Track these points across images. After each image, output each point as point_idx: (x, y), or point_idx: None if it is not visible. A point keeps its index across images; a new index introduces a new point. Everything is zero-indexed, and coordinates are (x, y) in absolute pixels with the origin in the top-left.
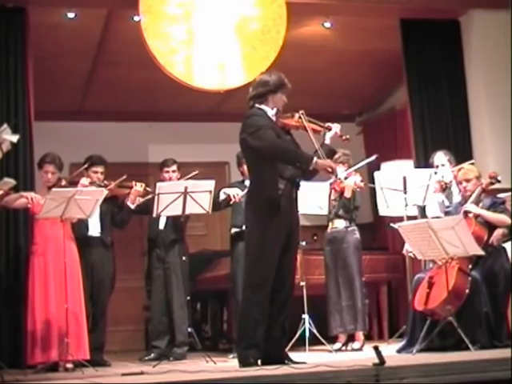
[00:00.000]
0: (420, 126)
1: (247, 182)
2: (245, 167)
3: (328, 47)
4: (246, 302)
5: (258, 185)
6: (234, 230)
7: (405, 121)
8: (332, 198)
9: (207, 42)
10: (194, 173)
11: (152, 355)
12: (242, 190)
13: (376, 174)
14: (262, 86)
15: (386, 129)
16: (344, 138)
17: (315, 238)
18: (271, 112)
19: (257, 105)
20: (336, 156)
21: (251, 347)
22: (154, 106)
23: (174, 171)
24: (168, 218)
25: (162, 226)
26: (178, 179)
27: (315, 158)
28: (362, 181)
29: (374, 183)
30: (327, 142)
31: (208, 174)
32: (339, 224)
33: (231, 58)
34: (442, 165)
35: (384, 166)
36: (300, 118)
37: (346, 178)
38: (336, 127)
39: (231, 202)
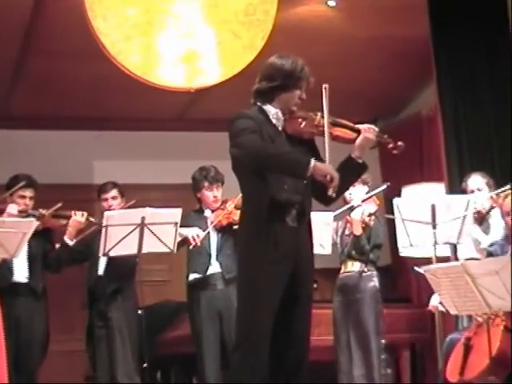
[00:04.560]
0: (454, 138)
1: (207, 212)
2: (204, 193)
3: (332, 33)
4: (235, 369)
5: (249, 212)
6: (192, 277)
7: (434, 131)
8: (346, 232)
9: (171, 26)
10: (132, 201)
11: None
12: (201, 223)
13: (396, 201)
14: (268, 79)
15: (408, 141)
16: (391, 145)
17: (315, 285)
18: (274, 112)
19: (259, 103)
20: None
21: None
22: (101, 109)
23: (114, 198)
24: (110, 259)
25: (101, 270)
26: (123, 208)
27: (312, 161)
28: (371, 214)
29: (392, 213)
30: (357, 153)
31: (173, 201)
32: (352, 267)
33: (203, 46)
34: (478, 189)
35: (406, 190)
36: (321, 118)
37: (356, 207)
38: (369, 131)
39: (191, 247)
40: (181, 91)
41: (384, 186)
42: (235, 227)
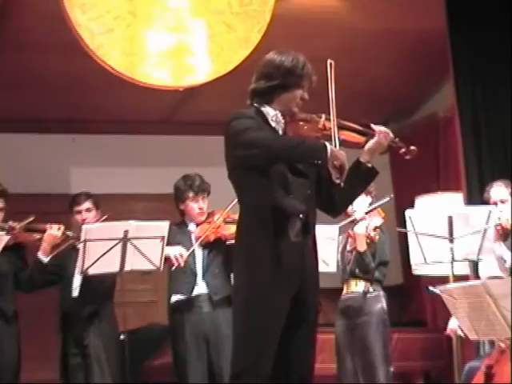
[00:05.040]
0: (473, 143)
1: (191, 226)
2: (188, 204)
3: (338, 25)
4: None
5: (248, 224)
6: (176, 298)
7: (451, 134)
8: (348, 248)
9: (157, 18)
10: (104, 216)
11: None
12: (184, 238)
13: (408, 213)
14: (266, 77)
15: (422, 146)
16: (403, 150)
17: (319, 307)
18: (273, 114)
19: (256, 104)
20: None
21: None
22: (79, 110)
23: (88, 210)
24: (85, 278)
25: (75, 291)
26: (99, 221)
27: (328, 145)
28: (377, 227)
29: (404, 226)
30: (366, 157)
31: (159, 213)
32: (356, 287)
33: (193, 40)
34: (502, 201)
35: (420, 200)
36: (326, 120)
37: (360, 221)
38: (382, 134)
39: (173, 268)
40: (168, 90)
41: (387, 199)
42: (229, 242)
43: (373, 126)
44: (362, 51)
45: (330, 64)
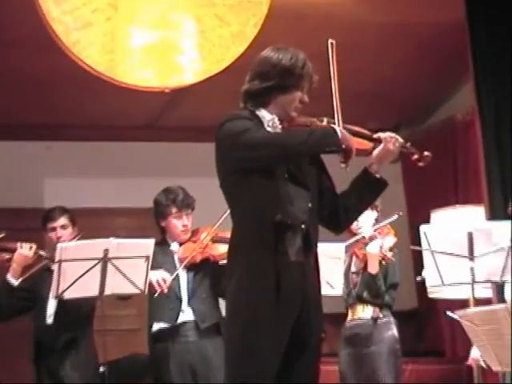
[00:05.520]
0: (496, 149)
1: (173, 246)
2: (171, 221)
3: (342, 19)
4: None
5: (243, 241)
6: (157, 327)
7: (471, 140)
8: (353, 269)
9: (141, 11)
10: (79, 234)
11: None
12: (166, 259)
13: (424, 228)
14: (261, 77)
15: (439, 153)
16: (416, 156)
17: (323, 335)
18: (269, 119)
19: (250, 107)
20: None
21: None
22: (53, 114)
23: (63, 227)
24: (61, 304)
25: (50, 318)
26: (74, 239)
27: (336, 128)
28: (392, 247)
29: (419, 244)
30: (375, 166)
31: (143, 229)
32: (364, 313)
33: (181, 36)
34: None
35: (437, 214)
36: (329, 124)
37: (370, 239)
38: (391, 140)
39: (156, 295)
40: (153, 92)
41: (395, 216)
42: (221, 263)
43: (379, 133)
44: (370, 47)
45: (331, 44)
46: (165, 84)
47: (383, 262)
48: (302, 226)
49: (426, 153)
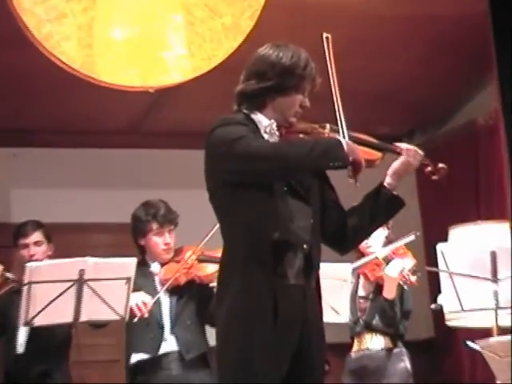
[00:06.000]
0: None
1: (154, 267)
2: (151, 239)
3: (350, 11)
4: None
5: (236, 262)
6: (136, 358)
7: (494, 147)
8: (361, 293)
9: (121, 2)
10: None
11: None
12: (146, 282)
13: (441, 247)
14: (258, 77)
15: (458, 162)
16: (430, 168)
17: (326, 367)
18: (267, 124)
19: (245, 111)
20: None
21: None
22: (21, 118)
23: (37, 243)
24: (33, 331)
25: (21, 347)
26: (50, 257)
27: (342, 140)
28: (415, 270)
29: (435, 265)
30: (392, 181)
31: (123, 247)
32: (372, 343)
33: (168, 29)
34: None
35: (455, 231)
36: (331, 131)
37: (387, 263)
38: (411, 153)
39: (135, 319)
40: (136, 92)
41: (412, 237)
42: (210, 284)
43: (397, 144)
44: (381, 43)
45: (327, 38)
46: (149, 83)
47: (405, 287)
48: (304, 246)
49: (440, 165)
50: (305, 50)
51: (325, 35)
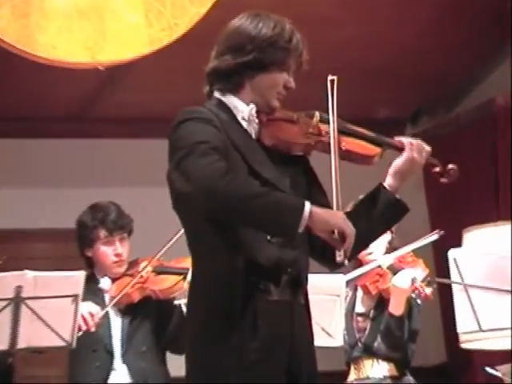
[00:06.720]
0: None
1: (104, 282)
2: (99, 248)
3: None
4: None
5: (206, 281)
6: None
7: None
8: (359, 309)
9: None
10: None
11: None
12: (94, 299)
13: (453, 254)
14: (233, 51)
15: (473, 151)
16: (438, 169)
17: None
18: (245, 109)
19: (218, 94)
20: None
21: None
22: None
23: None
24: None
25: None
26: None
27: (307, 206)
28: (430, 281)
29: (447, 276)
30: (393, 181)
31: (69, 258)
32: (375, 370)
33: None
34: None
35: (471, 235)
36: (321, 122)
37: (394, 272)
38: (416, 148)
39: (80, 333)
40: (83, 70)
41: (435, 236)
42: (175, 301)
43: (398, 138)
44: (381, 9)
45: (332, 81)
46: (98, 59)
47: (418, 301)
48: (289, 270)
49: (450, 165)
50: (294, 19)
51: (330, 78)
